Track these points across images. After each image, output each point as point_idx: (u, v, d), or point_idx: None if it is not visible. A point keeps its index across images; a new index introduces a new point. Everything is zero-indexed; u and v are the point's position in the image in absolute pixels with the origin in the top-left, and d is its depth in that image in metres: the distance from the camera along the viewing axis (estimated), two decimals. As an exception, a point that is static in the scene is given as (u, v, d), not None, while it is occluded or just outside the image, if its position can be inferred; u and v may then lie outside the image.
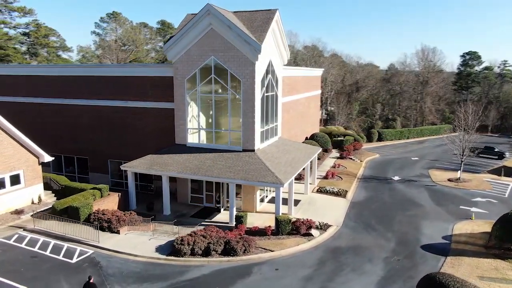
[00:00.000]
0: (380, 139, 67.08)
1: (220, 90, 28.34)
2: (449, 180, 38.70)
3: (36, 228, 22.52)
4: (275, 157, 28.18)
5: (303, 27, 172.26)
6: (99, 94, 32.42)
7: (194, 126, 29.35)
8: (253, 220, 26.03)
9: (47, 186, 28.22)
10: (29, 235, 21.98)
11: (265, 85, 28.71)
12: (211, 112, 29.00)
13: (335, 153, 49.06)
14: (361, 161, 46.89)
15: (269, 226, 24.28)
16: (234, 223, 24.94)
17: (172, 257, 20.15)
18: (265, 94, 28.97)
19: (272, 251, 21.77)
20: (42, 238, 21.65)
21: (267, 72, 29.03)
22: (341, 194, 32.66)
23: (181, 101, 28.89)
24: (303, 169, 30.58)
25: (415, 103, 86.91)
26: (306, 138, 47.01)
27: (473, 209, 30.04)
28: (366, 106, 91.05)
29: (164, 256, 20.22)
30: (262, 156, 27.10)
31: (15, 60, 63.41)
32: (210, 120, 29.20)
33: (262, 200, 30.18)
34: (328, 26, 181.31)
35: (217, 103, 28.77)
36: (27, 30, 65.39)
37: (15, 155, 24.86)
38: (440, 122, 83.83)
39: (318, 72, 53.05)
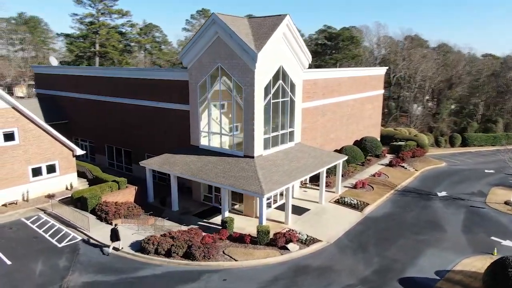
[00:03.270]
0: (464, 144, 59.83)
1: (227, 96, 29.19)
2: (506, 203, 33.15)
3: (53, 212, 26.83)
4: (277, 165, 28.03)
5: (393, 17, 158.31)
6: (138, 94, 36.00)
7: (206, 129, 30.80)
8: (247, 226, 26.55)
9: (83, 175, 32.90)
10: (45, 218, 26.35)
11: (271, 92, 28.53)
12: (218, 117, 30.08)
13: (389, 159, 45.57)
14: (416, 170, 42.82)
15: (248, 235, 24.62)
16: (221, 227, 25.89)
17: (139, 254, 22.15)
18: (272, 101, 28.79)
19: (236, 260, 22.23)
20: (52, 222, 25.78)
21: (275, 78, 28.77)
22: (358, 207, 30.86)
23: (195, 105, 30.56)
24: (329, 176, 29.75)
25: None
26: (356, 142, 44.70)
27: (506, 242, 25.65)
28: (463, 105, 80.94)
29: (132, 252, 22.35)
30: (259, 164, 27.28)
31: (114, 56, 72.83)
32: (218, 125, 30.33)
33: (269, 206, 30.38)
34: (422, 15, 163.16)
35: (225, 107, 29.70)
36: (123, 30, 74.27)
37: (50, 148, 29.68)
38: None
39: (378, 71, 49.44)
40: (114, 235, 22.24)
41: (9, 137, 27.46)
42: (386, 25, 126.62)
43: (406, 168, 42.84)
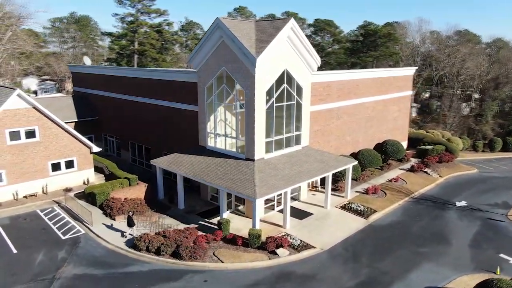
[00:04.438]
0: (506, 149, 55.91)
1: (231, 99, 29.65)
2: (530, 217, 30.84)
3: (65, 205, 28.89)
4: (277, 169, 28.11)
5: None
6: (156, 94, 37.45)
7: (212, 130, 31.49)
8: (245, 228, 26.84)
9: (101, 171, 34.94)
10: (57, 211, 28.44)
11: (274, 96, 28.56)
12: (223, 119, 30.62)
13: (413, 163, 43.65)
14: (440, 176, 40.82)
15: (240, 237, 25.03)
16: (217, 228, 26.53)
17: (132, 250, 23.35)
18: (275, 104, 28.84)
19: (222, 262, 22.78)
20: (62, 215, 27.78)
21: (279, 82, 28.75)
22: (363, 214, 30.19)
23: (202, 106, 31.34)
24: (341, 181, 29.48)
25: None
26: (377, 145, 43.40)
27: (515, 260, 24.04)
28: None
29: (126, 248, 23.60)
30: (259, 167, 27.53)
31: (151, 54, 75.75)
32: (222, 127, 30.89)
33: (272, 208, 30.59)
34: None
35: (229, 110, 30.18)
36: (160, 29, 76.90)
37: (69, 145, 31.86)
38: None
39: (405, 71, 47.39)
40: (130, 222, 24.74)
41: (30, 134, 29.89)
42: (430, 21, 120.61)
43: (429, 174, 40.95)
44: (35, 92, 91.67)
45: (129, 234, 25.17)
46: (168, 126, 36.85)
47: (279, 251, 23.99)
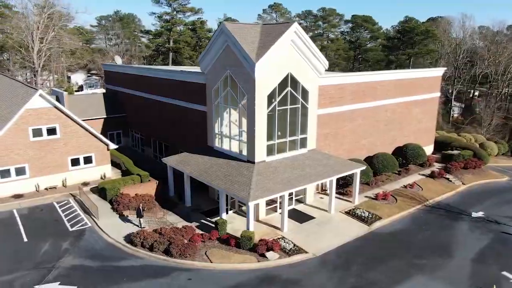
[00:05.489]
0: (548, 155, 51.99)
1: (235, 102, 30.17)
2: (551, 232, 28.72)
3: (79, 199, 30.97)
4: (277, 172, 28.33)
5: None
6: (172, 94, 38.80)
7: (219, 131, 32.22)
8: (243, 229, 27.44)
9: (119, 166, 36.92)
10: (72, 203, 30.56)
11: (277, 99, 28.70)
12: (228, 121, 31.24)
13: (434, 169, 41.83)
14: (463, 183, 38.89)
15: (234, 238, 25.63)
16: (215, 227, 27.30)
17: (129, 245, 24.70)
18: (277, 108, 28.96)
19: (211, 262, 23.53)
20: (75, 207, 29.83)
21: (282, 86, 28.82)
22: (367, 220, 29.67)
23: (210, 108, 32.15)
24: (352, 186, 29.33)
25: None
26: (397, 149, 42.10)
27: (518, 279, 22.68)
28: None
29: (124, 242, 24.99)
30: (258, 170, 27.90)
31: (185, 52, 77.92)
32: (227, 128, 31.52)
33: (274, 210, 30.90)
34: None
35: (234, 112, 30.76)
36: (194, 27, 78.79)
37: (87, 142, 34.02)
38: None
39: (432, 72, 45.27)
40: (139, 213, 26.85)
41: (51, 132, 32.28)
42: (472, 16, 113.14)
43: (450, 180, 39.12)
44: (81, 87, 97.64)
45: (135, 224, 27.24)
46: (182, 125, 38.09)
47: (269, 254, 24.32)
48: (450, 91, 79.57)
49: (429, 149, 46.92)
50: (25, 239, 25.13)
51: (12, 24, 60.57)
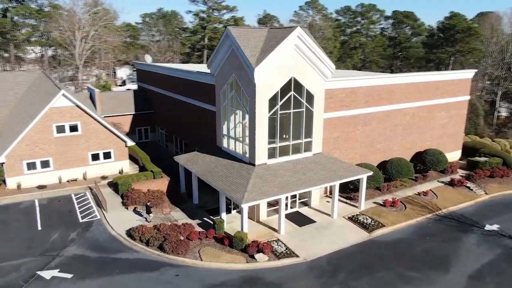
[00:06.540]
0: None
1: (239, 105, 30.85)
2: None
3: (95, 191, 33.24)
4: (276, 175, 28.72)
5: None
6: (190, 94, 40.20)
7: (226, 132, 33.09)
8: (239, 228, 28.31)
9: (137, 162, 39.02)
10: (87, 196, 32.89)
11: (279, 103, 28.98)
12: (233, 123, 32.00)
13: (455, 176, 39.92)
14: (486, 193, 36.91)
15: (227, 238, 26.47)
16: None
17: (129, 239, 26.35)
18: (279, 111, 29.25)
19: (201, 259, 24.55)
20: (89, 200, 32.10)
21: (285, 90, 29.03)
22: (368, 227, 29.32)
23: (219, 109, 33.09)
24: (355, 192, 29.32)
25: None
26: (416, 154, 40.75)
27: (514, 300, 21.55)
28: None
29: (125, 236, 26.68)
30: (257, 172, 28.45)
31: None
32: (233, 130, 32.30)
33: (277, 212, 31.29)
34: None
35: (239, 114, 31.48)
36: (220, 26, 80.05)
37: (106, 139, 36.31)
38: None
39: (460, 74, 42.98)
40: (147, 209, 28.78)
41: (73, 128, 34.88)
42: None
43: (471, 189, 37.27)
44: (124, 82, 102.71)
45: (145, 218, 29.25)
46: (198, 124, 39.41)
47: (258, 256, 24.91)
48: (495, 92, 74.77)
49: (455, 155, 44.84)
50: (39, 228, 27.62)
51: (61, 22, 64.85)
